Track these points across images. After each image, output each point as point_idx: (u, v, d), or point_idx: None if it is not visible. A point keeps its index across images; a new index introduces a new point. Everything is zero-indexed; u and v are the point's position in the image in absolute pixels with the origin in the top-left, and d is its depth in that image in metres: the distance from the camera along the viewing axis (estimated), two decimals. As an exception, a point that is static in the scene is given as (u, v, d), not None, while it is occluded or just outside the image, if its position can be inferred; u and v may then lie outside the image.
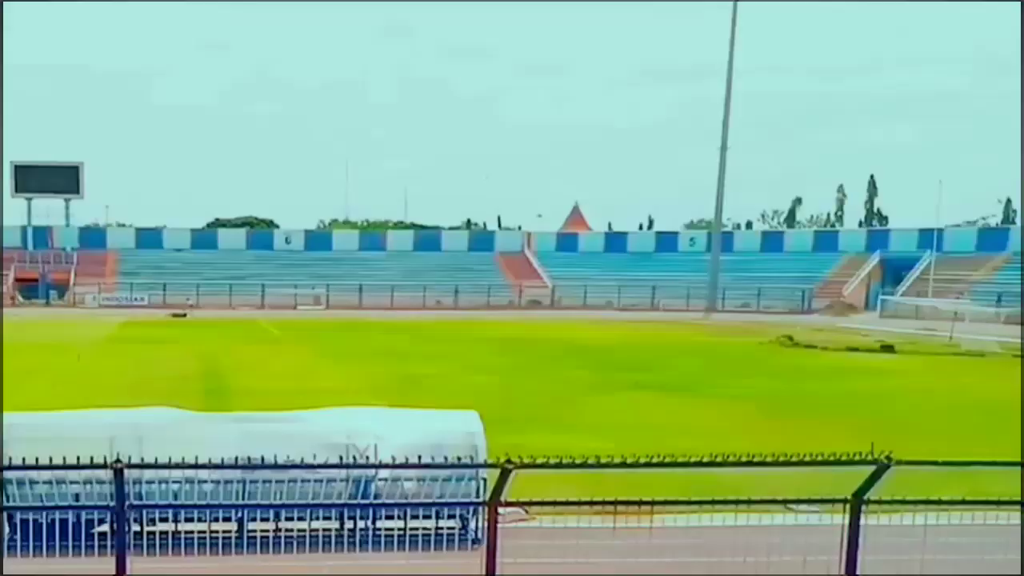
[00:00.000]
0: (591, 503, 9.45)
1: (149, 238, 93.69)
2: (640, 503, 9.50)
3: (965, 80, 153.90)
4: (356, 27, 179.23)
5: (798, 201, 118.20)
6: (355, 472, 11.91)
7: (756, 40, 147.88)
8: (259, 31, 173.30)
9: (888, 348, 43.91)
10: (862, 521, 9.33)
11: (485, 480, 11.27)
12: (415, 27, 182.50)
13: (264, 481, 11.53)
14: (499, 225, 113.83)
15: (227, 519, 11.90)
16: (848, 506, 9.33)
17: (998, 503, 9.91)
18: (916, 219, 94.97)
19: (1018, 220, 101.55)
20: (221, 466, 10.36)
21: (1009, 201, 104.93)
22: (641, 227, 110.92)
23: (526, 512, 11.21)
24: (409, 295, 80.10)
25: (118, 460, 8.96)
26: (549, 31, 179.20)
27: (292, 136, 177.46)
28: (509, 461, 8.76)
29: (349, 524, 11.88)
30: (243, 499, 11.61)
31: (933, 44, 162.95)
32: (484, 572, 9.13)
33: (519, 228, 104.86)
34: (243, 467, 11.19)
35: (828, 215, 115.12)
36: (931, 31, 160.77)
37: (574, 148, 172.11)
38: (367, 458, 12.13)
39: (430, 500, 10.89)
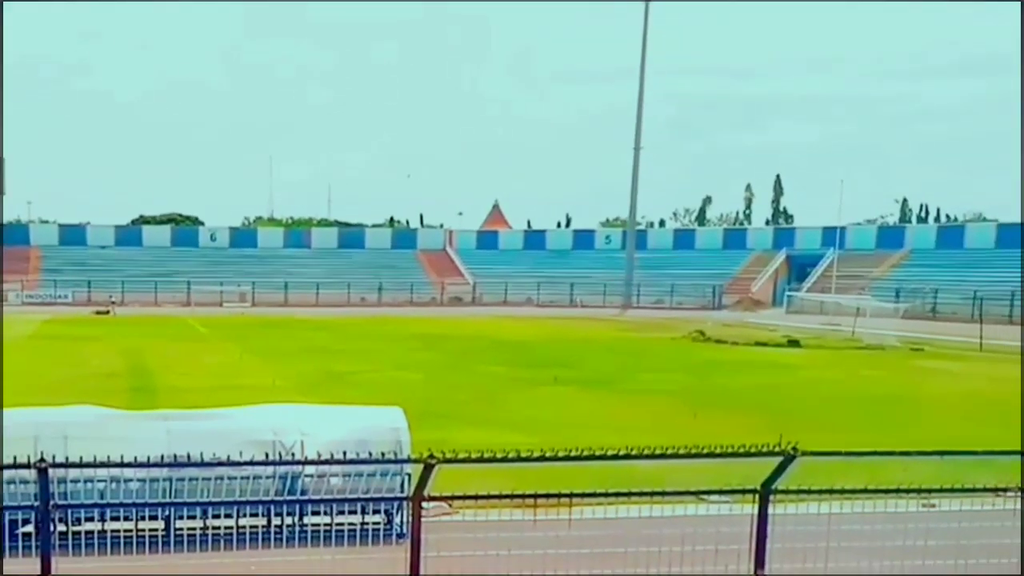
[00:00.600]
0: (512, 496, 9.43)
1: (73, 235, 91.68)
2: (559, 496, 9.51)
3: (867, 83, 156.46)
4: (286, 26, 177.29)
5: (708, 200, 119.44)
6: (282, 469, 11.80)
7: (669, 42, 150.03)
8: (188, 28, 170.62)
9: (794, 343, 44.48)
10: (770, 511, 9.40)
11: (409, 475, 11.25)
12: (347, 27, 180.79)
13: (191, 479, 11.37)
14: (421, 223, 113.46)
15: (154, 517, 11.71)
16: (757, 496, 9.40)
17: (898, 491, 10.05)
18: (820, 218, 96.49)
19: (922, 219, 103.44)
20: (147, 464, 10.16)
21: (905, 201, 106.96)
22: (559, 225, 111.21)
23: (450, 506, 11.20)
24: (334, 292, 79.69)
25: (42, 459, 8.73)
26: (473, 30, 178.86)
27: (217, 133, 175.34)
28: (432, 456, 8.73)
29: (276, 521, 11.78)
30: (170, 497, 11.43)
31: (837, 47, 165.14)
32: (408, 566, 9.13)
33: (441, 226, 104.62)
34: (169, 465, 11.00)
35: (737, 214, 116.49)
36: (835, 34, 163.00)
37: (493, 148, 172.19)
38: (293, 455, 12.06)
39: (355, 496, 10.83)
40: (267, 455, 11.78)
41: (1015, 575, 9.83)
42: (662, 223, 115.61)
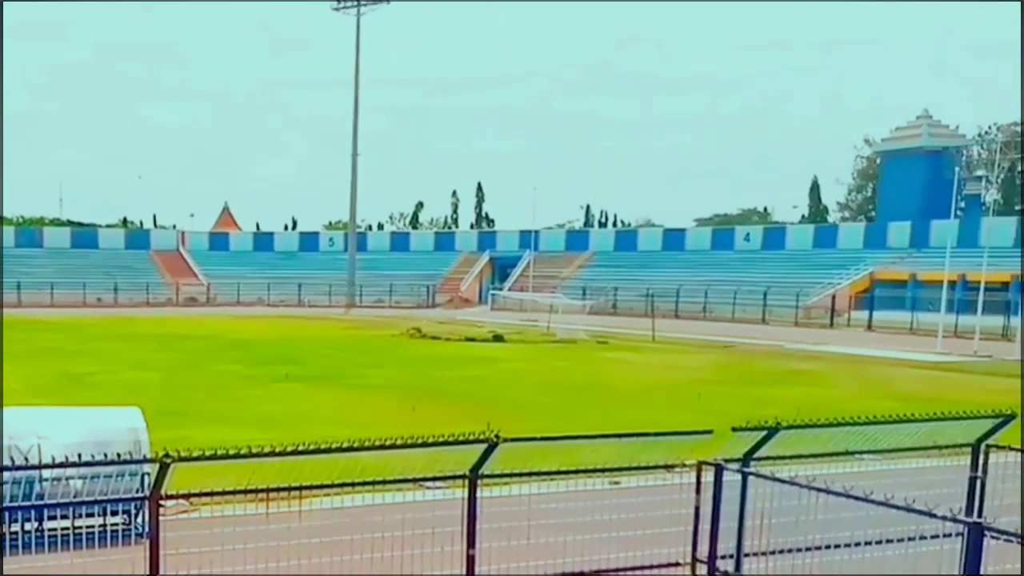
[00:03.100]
0: (246, 492, 9.18)
1: None
2: (290, 489, 9.37)
3: (555, 97, 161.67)
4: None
5: (420, 205, 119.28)
6: (18, 474, 11.02)
7: (384, 53, 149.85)
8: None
9: (499, 338, 45.15)
10: (479, 494, 9.56)
11: (150, 475, 10.78)
12: (64, 24, 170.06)
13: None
14: (155, 224, 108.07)
15: None
16: (466, 481, 9.53)
17: (588, 471, 10.37)
18: (518, 222, 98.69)
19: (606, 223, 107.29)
20: None
21: (588, 207, 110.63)
22: (287, 228, 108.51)
23: (190, 504, 10.81)
24: (68, 293, 74.21)
25: None
26: (188, 37, 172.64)
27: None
28: (167, 455, 8.40)
29: (15, 527, 10.99)
30: None
31: (529, 62, 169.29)
32: (148, 565, 8.76)
33: (174, 227, 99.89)
34: None
35: (446, 218, 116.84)
36: (527, 50, 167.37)
37: (223, 149, 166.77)
38: (27, 459, 11.26)
39: (93, 498, 10.26)
40: (-1, 460, 10.95)
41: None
42: (380, 226, 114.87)
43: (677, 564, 9.85)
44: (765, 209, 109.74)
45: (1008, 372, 33.46)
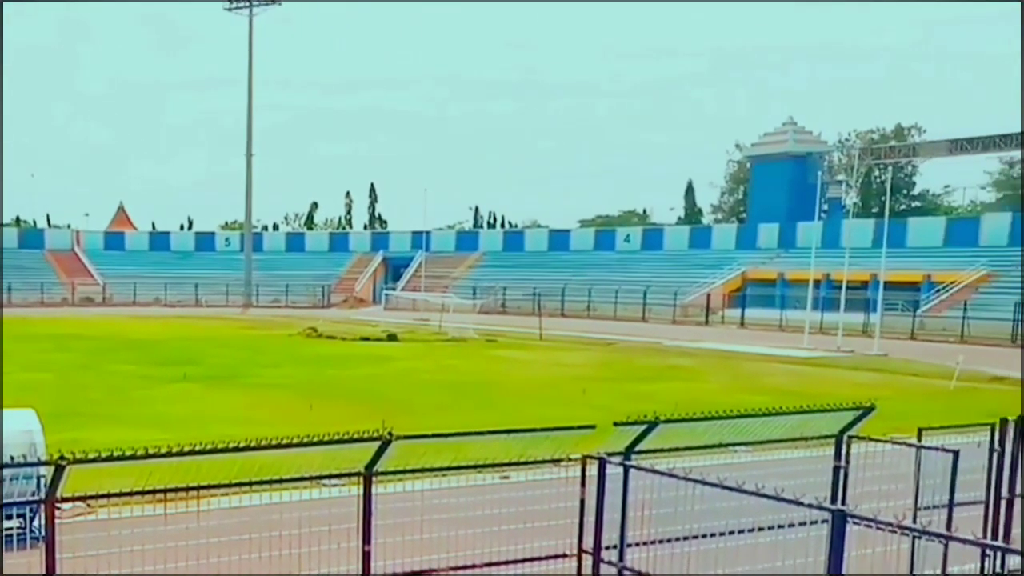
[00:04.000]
0: (143, 493, 8.90)
1: None
2: (187, 489, 9.16)
3: (445, 101, 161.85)
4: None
5: (315, 205, 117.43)
6: (-90, 479, 10.49)
7: (277, 54, 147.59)
8: None
9: (393, 337, 44.88)
10: (374, 491, 9.48)
11: (45, 477, 10.40)
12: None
13: None
14: (48, 223, 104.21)
15: None
16: (362, 479, 9.43)
17: (478, 467, 10.39)
18: (410, 223, 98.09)
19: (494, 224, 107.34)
20: None
21: (477, 208, 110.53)
22: (182, 227, 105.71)
23: (87, 506, 10.48)
24: (-40, 294, 71.51)
25: None
26: (78, 36, 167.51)
27: None
28: (63, 457, 8.10)
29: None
30: None
31: (417, 69, 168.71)
32: (44, 569, 8.46)
33: (68, 226, 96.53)
34: None
35: (340, 218, 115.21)
36: (416, 57, 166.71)
37: (116, 148, 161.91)
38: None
39: (-12, 503, 9.84)
40: None
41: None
42: (276, 227, 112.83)
43: (564, 555, 9.92)
44: (644, 211, 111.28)
45: (868, 366, 34.67)
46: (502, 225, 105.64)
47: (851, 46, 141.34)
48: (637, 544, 9.23)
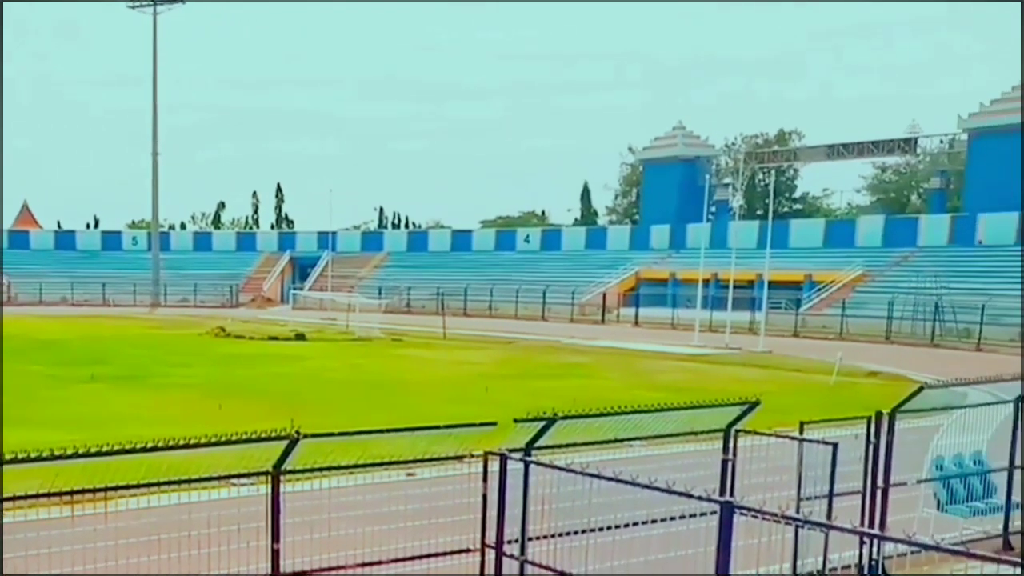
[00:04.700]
0: (49, 495, 8.63)
1: None
2: (95, 490, 8.89)
3: (351, 103, 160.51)
4: None
5: (222, 205, 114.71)
6: None
7: (185, 52, 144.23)
8: None
9: (301, 336, 44.32)
10: (282, 489, 9.31)
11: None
12: None
13: None
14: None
15: None
16: (270, 478, 9.23)
17: (385, 464, 10.30)
18: (316, 223, 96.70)
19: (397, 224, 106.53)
20: None
21: (382, 209, 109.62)
22: (88, 226, 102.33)
23: (-10, 510, 10.08)
24: None
25: None
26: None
27: None
28: (-43, 461, 7.81)
29: None
30: None
31: (327, 70, 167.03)
32: (-58, 575, 8.13)
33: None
34: None
35: (247, 218, 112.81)
36: (327, 58, 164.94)
37: (19, 146, 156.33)
38: None
39: None
40: None
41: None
42: (183, 226, 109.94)
43: (468, 550, 9.93)
44: (543, 212, 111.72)
45: (754, 363, 35.47)
46: (406, 226, 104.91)
47: (738, 55, 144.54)
48: (538, 538, 9.29)
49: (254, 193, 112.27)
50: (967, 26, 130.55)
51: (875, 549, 10.45)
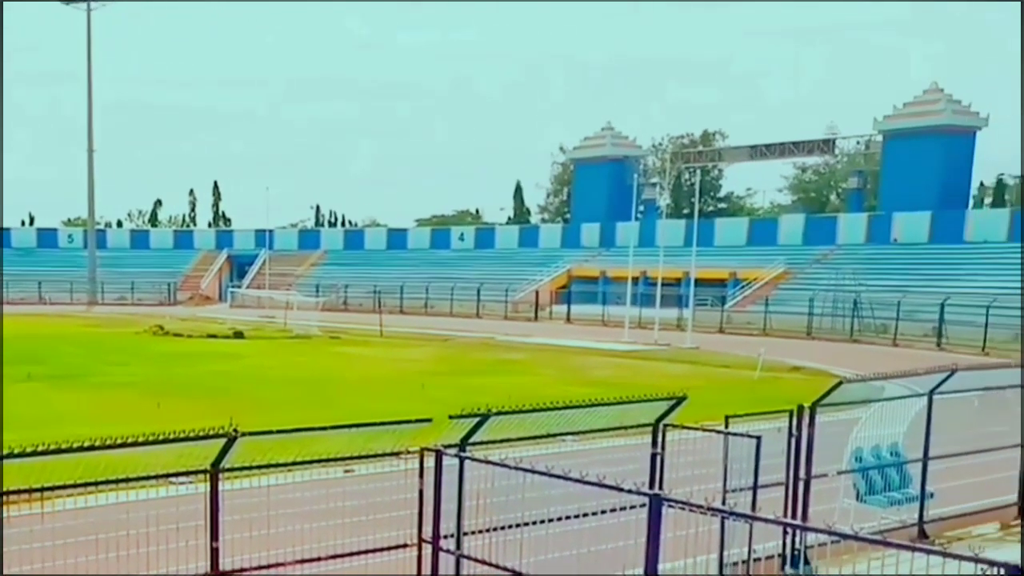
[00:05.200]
0: (-17, 496, 8.45)
1: None
2: (31, 491, 8.68)
3: (283, 102, 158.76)
4: None
5: (159, 203, 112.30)
6: None
7: (116, 49, 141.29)
8: None
9: (239, 334, 43.72)
10: (221, 487, 9.22)
11: None
12: None
13: None
14: None
15: None
16: (209, 475, 9.15)
17: (323, 461, 10.18)
18: (253, 221, 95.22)
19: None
20: None
21: (318, 207, 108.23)
22: (23, 223, 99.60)
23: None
24: None
25: None
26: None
27: None
28: None
29: None
30: None
31: (257, 70, 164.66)
32: None
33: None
34: None
35: (184, 216, 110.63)
36: (255, 57, 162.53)
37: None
38: None
39: None
40: None
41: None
42: (120, 223, 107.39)
43: (405, 545, 9.90)
44: (477, 211, 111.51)
45: (682, 359, 35.88)
46: (342, 224, 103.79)
47: (663, 55, 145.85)
48: (474, 532, 9.30)
49: (191, 191, 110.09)
50: (890, 27, 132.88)
51: (798, 539, 10.67)
